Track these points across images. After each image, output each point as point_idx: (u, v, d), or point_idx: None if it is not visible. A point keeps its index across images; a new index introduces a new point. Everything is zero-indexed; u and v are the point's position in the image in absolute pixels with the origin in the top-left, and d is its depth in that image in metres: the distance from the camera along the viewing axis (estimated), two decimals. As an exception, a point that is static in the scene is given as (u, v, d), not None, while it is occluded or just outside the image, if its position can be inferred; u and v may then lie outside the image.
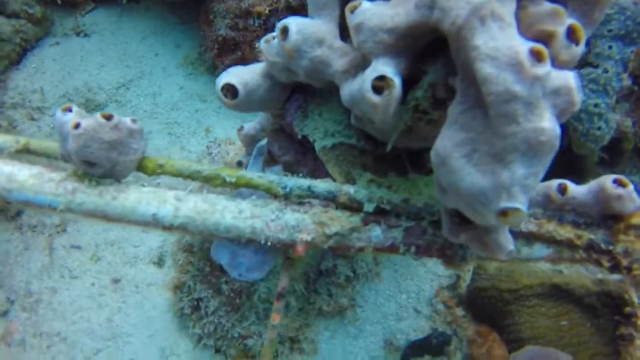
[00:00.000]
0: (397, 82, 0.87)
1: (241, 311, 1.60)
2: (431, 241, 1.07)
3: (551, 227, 1.10)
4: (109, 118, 0.97)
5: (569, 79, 0.77)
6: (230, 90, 1.14)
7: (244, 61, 2.05)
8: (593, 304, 1.45)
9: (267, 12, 1.91)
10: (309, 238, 1.03)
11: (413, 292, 1.70)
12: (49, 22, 2.37)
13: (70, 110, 1.00)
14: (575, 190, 1.12)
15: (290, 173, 1.35)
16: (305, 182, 1.07)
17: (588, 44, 1.34)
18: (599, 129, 1.33)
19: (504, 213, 0.78)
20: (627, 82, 1.30)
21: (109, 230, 1.93)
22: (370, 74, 0.89)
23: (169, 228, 1.03)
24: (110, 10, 2.39)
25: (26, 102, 2.21)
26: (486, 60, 0.76)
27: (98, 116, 0.97)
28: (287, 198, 1.07)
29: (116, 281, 1.83)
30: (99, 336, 1.73)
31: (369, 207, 1.05)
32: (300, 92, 1.22)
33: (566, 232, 1.11)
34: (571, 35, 0.85)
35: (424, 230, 1.07)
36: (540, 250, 1.13)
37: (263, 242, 1.04)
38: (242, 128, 1.44)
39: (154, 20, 2.37)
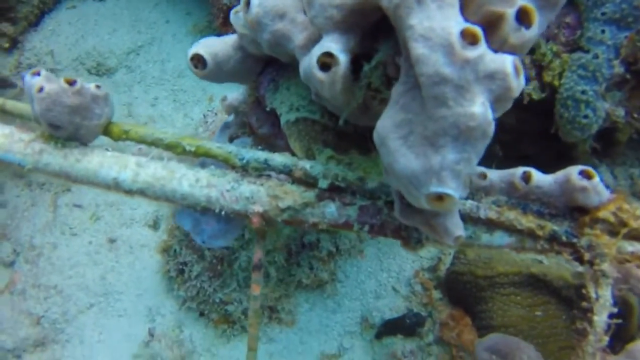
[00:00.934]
0: (342, 59, 0.87)
1: (222, 277, 1.64)
2: (386, 221, 1.07)
3: (512, 216, 1.08)
4: (71, 83, 1.00)
5: (505, 62, 0.74)
6: (200, 61, 1.15)
7: (248, 31, 2.03)
8: (570, 297, 1.43)
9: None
10: (262, 209, 1.05)
11: (394, 271, 1.70)
12: (67, -15, 2.43)
13: (38, 74, 1.03)
14: (540, 179, 1.09)
15: (268, 145, 1.36)
16: (262, 155, 1.08)
17: (580, 27, 1.28)
18: (585, 116, 1.28)
19: (437, 197, 0.78)
20: (619, 69, 1.24)
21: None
22: (317, 50, 0.89)
23: (129, 192, 1.06)
24: (124, -24, 2.43)
25: (40, 64, 2.28)
26: (419, 40, 0.75)
27: (61, 80, 1.01)
28: (245, 169, 1.08)
29: (112, 240, 1.90)
30: (92, 291, 1.81)
31: (323, 183, 1.06)
32: (273, 65, 1.22)
33: (528, 222, 1.08)
34: (522, 17, 0.83)
35: (378, 209, 1.07)
36: (501, 237, 1.11)
37: (217, 210, 1.06)
38: (225, 98, 1.46)
39: (168, -13, 2.40)
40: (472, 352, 1.45)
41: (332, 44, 0.88)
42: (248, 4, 1.02)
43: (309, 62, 0.92)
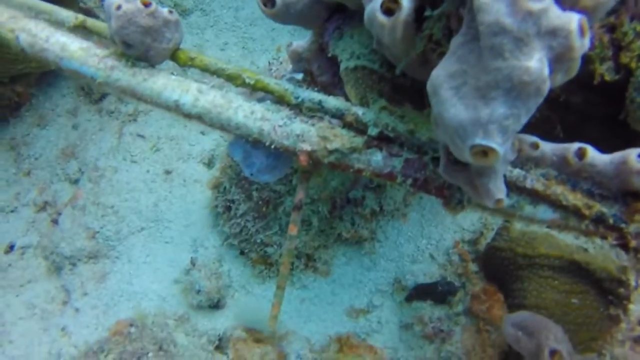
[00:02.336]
0: (406, 4, 0.87)
1: (266, 219, 1.70)
2: (430, 177, 1.08)
3: (559, 190, 1.06)
4: (147, 5, 1.06)
5: (570, 20, 0.73)
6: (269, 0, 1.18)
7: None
8: (612, 290, 1.38)
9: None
10: (310, 148, 1.08)
11: (433, 239, 1.70)
12: None
13: (118, -8, 1.09)
14: (596, 157, 1.06)
15: (325, 93, 1.39)
16: (317, 96, 1.10)
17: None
18: (659, 104, 1.21)
19: (481, 151, 0.78)
20: None
21: (172, 126, 2.09)
22: (381, -5, 0.89)
23: (187, 115, 1.11)
24: None
25: (123, -3, 2.38)
26: (484, -12, 0.74)
27: (138, 2, 1.06)
28: (299, 108, 1.11)
29: (168, 172, 2.00)
30: (144, 216, 1.92)
31: (373, 131, 1.07)
32: (339, 13, 1.23)
33: (575, 199, 1.06)
34: (599, -22, 0.80)
35: (424, 164, 1.08)
36: (544, 212, 1.09)
37: (268, 144, 1.10)
38: (291, 44, 1.48)
39: None
40: (500, 327, 1.45)
41: (398, -11, 0.88)
42: (322, -55, 1.03)
43: (373, 6, 0.93)
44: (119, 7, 1.05)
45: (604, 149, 1.41)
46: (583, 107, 1.47)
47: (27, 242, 2.01)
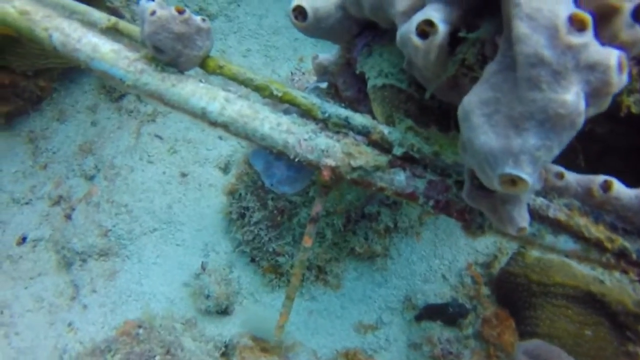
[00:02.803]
0: (442, 28, 0.87)
1: (280, 229, 1.70)
2: (452, 200, 1.07)
3: (582, 222, 1.05)
4: (181, 12, 1.06)
5: (610, 55, 0.72)
6: (301, 13, 1.18)
7: None
8: (627, 324, 1.37)
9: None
10: (334, 164, 1.08)
11: (446, 259, 1.70)
12: None
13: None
14: (621, 191, 1.05)
15: (350, 109, 1.39)
16: (344, 112, 1.10)
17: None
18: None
19: (510, 180, 0.78)
20: None
21: (190, 129, 2.10)
22: (418, 16, 0.89)
23: (213, 123, 1.12)
24: None
25: (150, -1, 2.40)
26: (524, 19, 0.74)
27: (172, 8, 1.07)
28: (325, 123, 1.11)
29: (184, 175, 2.01)
30: (157, 217, 1.93)
31: (398, 150, 1.07)
32: (370, 30, 1.23)
33: (597, 231, 1.05)
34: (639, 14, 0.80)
35: (447, 187, 1.07)
36: (565, 242, 1.09)
37: (292, 157, 1.10)
38: (316, 56, 1.48)
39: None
40: (510, 354, 1.43)
41: (434, 12, 0.88)
42: (359, -38, 1.04)
43: (407, 27, 0.93)
44: (153, 13, 1.05)
45: (626, 181, 1.40)
46: (607, 137, 1.47)
47: (40, 235, 2.02)
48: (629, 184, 1.41)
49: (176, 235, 1.90)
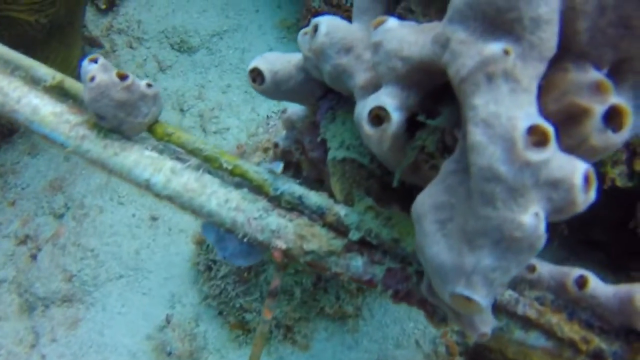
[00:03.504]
0: (396, 117, 0.78)
1: (247, 285, 1.61)
2: (412, 290, 0.98)
3: (554, 319, 0.96)
4: (123, 77, 0.98)
5: (574, 172, 0.63)
6: (259, 74, 1.10)
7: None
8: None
9: (363, -7, 1.80)
10: (285, 246, 0.99)
11: (421, 323, 1.60)
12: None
13: (95, 61, 1.02)
14: (598, 288, 0.96)
15: (316, 170, 1.30)
16: (298, 190, 1.02)
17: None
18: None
19: (462, 298, 0.69)
20: None
21: (163, 169, 2.02)
22: (371, 101, 0.81)
23: (157, 196, 1.03)
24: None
25: (129, 30, 2.33)
26: (479, 125, 0.65)
27: (114, 73, 0.99)
28: (278, 200, 1.03)
29: (154, 218, 1.92)
30: (124, 263, 1.84)
31: (354, 235, 0.98)
32: (335, 93, 1.15)
33: (571, 331, 0.96)
34: (612, 117, 0.71)
35: (407, 276, 0.98)
36: (537, 339, 0.99)
37: (240, 236, 1.01)
38: (285, 110, 1.40)
39: (264, -24, 2.37)
40: None
41: (389, 99, 0.79)
42: (315, 30, 0.95)
43: (360, 111, 0.85)
44: (92, 79, 0.97)
45: (610, 252, 1.30)
46: (591, 208, 1.37)
47: (4, 276, 1.94)
48: (614, 256, 1.31)
49: (142, 284, 1.81)
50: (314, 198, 1.01)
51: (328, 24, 0.94)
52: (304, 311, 1.60)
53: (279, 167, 1.04)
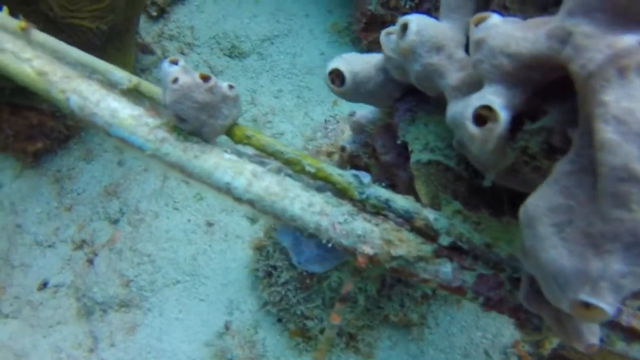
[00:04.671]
0: (504, 117, 0.75)
1: (309, 291, 1.58)
2: (505, 297, 0.94)
3: (660, 329, 0.90)
4: (206, 79, 0.97)
5: None
6: (338, 76, 1.08)
7: (388, 41, 1.94)
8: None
9: (422, -6, 1.79)
10: (372, 252, 0.96)
11: (490, 333, 1.55)
12: (221, -37, 2.47)
13: (176, 63, 1.01)
14: None
15: (388, 175, 1.27)
16: (385, 194, 0.99)
17: None
18: None
19: (584, 306, 0.65)
20: None
21: (217, 175, 2.02)
22: (476, 100, 0.77)
23: (238, 200, 1.02)
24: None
25: (180, 36, 2.35)
26: (610, 122, 0.61)
27: (196, 75, 0.98)
28: (363, 204, 1.00)
29: (210, 224, 1.92)
30: (181, 268, 1.84)
31: (444, 240, 0.95)
32: (414, 94, 1.12)
33: (679, 342, 0.90)
34: None
35: (499, 282, 0.94)
36: None
37: (325, 241, 0.99)
38: (353, 113, 1.37)
39: (315, -19, 2.36)
40: None
41: (495, 97, 0.76)
42: (404, 28, 0.92)
43: (462, 110, 0.81)
44: (175, 81, 0.96)
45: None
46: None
47: (61, 280, 1.96)
48: None
49: (200, 290, 1.80)
50: (401, 202, 0.97)
51: (418, 22, 0.91)
52: (367, 319, 1.56)
53: (367, 178, 1.01)
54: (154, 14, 2.38)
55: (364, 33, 2.10)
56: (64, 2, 1.74)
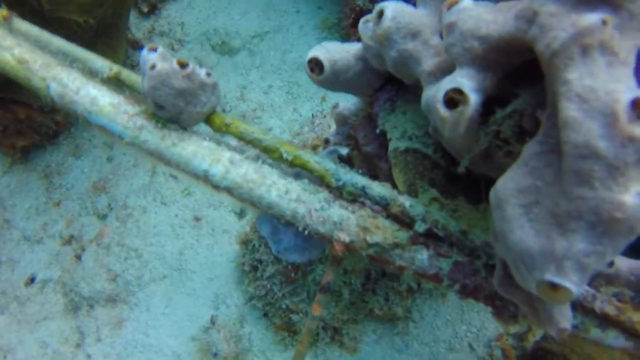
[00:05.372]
0: (474, 99, 0.75)
1: (294, 285, 1.58)
2: (480, 284, 0.94)
3: (635, 317, 0.90)
4: (184, 66, 0.97)
5: (681, 149, 0.59)
6: (317, 65, 1.08)
7: (376, 37, 1.94)
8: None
9: (410, -11, 1.77)
10: (348, 239, 0.96)
11: (474, 327, 1.54)
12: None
13: (155, 50, 1.01)
14: (682, 281, 0.90)
15: (370, 165, 1.27)
16: (361, 180, 0.99)
17: None
18: None
19: (550, 286, 0.64)
20: None
21: (206, 170, 2.02)
22: (446, 84, 0.77)
23: (216, 187, 1.02)
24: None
25: (171, 32, 2.35)
26: (573, 100, 0.61)
27: (174, 61, 0.98)
28: (339, 191, 1.00)
29: (197, 219, 1.91)
30: (167, 263, 1.83)
31: (420, 227, 0.95)
32: (393, 84, 1.12)
33: (654, 328, 0.90)
34: None
35: (475, 270, 0.94)
36: (615, 338, 0.94)
37: (301, 228, 0.98)
38: (336, 105, 1.38)
39: (305, -23, 2.37)
40: None
41: (465, 80, 0.76)
42: (380, 15, 0.93)
43: (433, 94, 0.81)
44: (153, 67, 0.96)
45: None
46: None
47: (49, 275, 1.96)
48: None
49: (186, 284, 1.80)
50: (378, 189, 0.97)
51: (394, 8, 0.91)
52: (352, 313, 1.56)
53: (345, 150, 1.01)
54: (145, 10, 2.39)
55: (353, 29, 2.10)
56: (51, -4, 1.74)
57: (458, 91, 0.76)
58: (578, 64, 0.62)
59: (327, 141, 1.45)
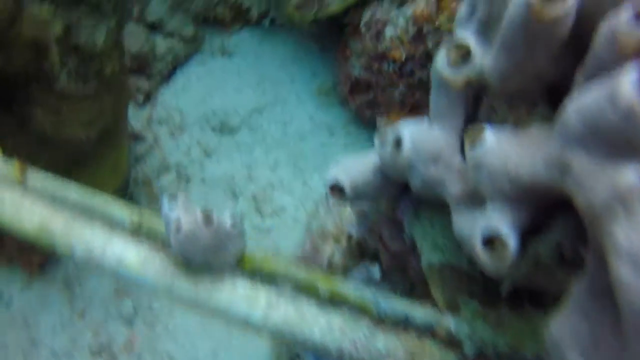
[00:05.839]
0: (512, 243, 0.74)
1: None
2: (538, 397, 0.93)
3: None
4: (208, 219, 0.97)
5: None
6: (339, 189, 1.08)
7: (376, 104, 1.97)
8: None
9: (403, 58, 1.79)
10: (397, 368, 0.95)
11: None
12: (199, 40, 2.50)
13: (175, 199, 1.01)
14: None
15: (399, 263, 1.26)
16: (402, 307, 0.98)
17: None
18: None
19: None
20: None
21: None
22: (482, 228, 0.77)
23: (259, 331, 1.01)
24: (254, 32, 2.44)
25: (170, 119, 2.36)
26: (624, 258, 0.60)
27: (198, 214, 0.97)
28: (382, 319, 0.99)
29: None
30: (202, 364, 1.82)
31: (469, 349, 0.94)
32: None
33: None
34: None
35: (530, 385, 0.93)
36: None
37: (348, 361, 0.98)
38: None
39: (294, 45, 2.38)
40: None
41: (501, 223, 0.75)
42: (398, 143, 0.92)
43: (470, 233, 0.81)
44: (178, 229, 0.96)
45: None
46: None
47: (84, 391, 1.94)
48: None
49: (225, 384, 1.78)
50: (420, 314, 0.97)
51: (412, 136, 0.91)
52: None
53: (376, 272, 1.01)
54: (141, 100, 2.40)
55: (350, 96, 2.11)
56: (53, 118, 1.75)
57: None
58: (622, 222, 0.62)
59: (350, 237, 1.45)
